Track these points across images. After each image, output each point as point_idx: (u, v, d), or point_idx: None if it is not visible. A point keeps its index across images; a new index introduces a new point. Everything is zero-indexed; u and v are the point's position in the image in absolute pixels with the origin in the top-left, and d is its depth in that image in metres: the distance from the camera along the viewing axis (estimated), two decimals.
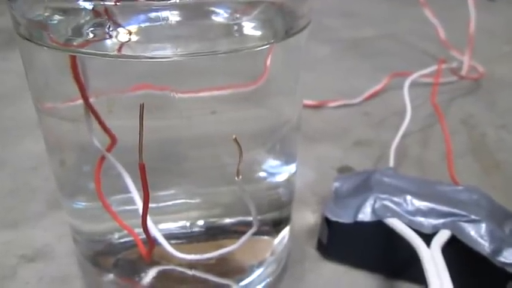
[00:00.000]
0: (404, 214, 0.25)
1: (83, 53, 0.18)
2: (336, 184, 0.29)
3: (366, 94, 0.47)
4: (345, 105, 0.46)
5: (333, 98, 0.46)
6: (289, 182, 0.24)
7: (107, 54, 0.18)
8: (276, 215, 0.24)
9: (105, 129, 0.19)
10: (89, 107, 0.19)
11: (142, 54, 0.18)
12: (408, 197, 0.26)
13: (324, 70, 0.54)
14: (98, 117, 0.19)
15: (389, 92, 0.48)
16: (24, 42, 0.18)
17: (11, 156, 0.37)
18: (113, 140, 0.19)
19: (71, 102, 0.20)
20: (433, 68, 0.47)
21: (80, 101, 0.19)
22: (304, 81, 0.22)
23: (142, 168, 0.18)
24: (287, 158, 0.23)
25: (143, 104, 0.16)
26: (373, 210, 0.26)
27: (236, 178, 0.20)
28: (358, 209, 0.26)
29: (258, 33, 0.18)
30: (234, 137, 0.18)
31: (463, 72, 0.51)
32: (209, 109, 0.20)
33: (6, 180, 0.34)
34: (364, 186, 0.27)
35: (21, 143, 0.39)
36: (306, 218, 0.31)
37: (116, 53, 0.18)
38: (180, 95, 0.19)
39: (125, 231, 0.22)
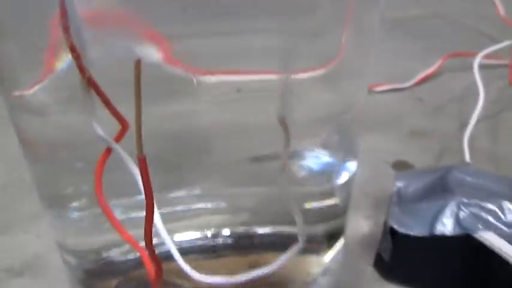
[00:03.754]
0: (502, 226, 0.19)
1: None
2: (399, 184, 0.23)
3: (418, 78, 0.41)
4: (394, 90, 0.39)
5: (381, 82, 0.40)
6: (347, 184, 0.18)
7: None
8: (328, 227, 0.19)
9: (115, 112, 0.14)
10: (90, 83, 0.13)
11: None
12: (505, 203, 0.19)
13: None
14: (104, 96, 0.13)
15: (444, 76, 0.42)
16: None
17: (4, 145, 0.32)
18: (124, 126, 0.14)
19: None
20: (496, 47, 0.39)
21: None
22: None
23: (142, 163, 0.12)
24: (346, 154, 0.18)
25: (139, 62, 0.10)
26: (458, 221, 0.19)
27: (281, 173, 0.14)
28: (435, 219, 0.20)
29: None
30: (278, 117, 0.12)
31: None
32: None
33: None
34: (440, 187, 0.21)
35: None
36: (359, 225, 0.25)
37: None
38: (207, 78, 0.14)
39: (128, 246, 0.16)
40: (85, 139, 0.15)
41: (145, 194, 0.12)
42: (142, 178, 0.12)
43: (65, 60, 0.14)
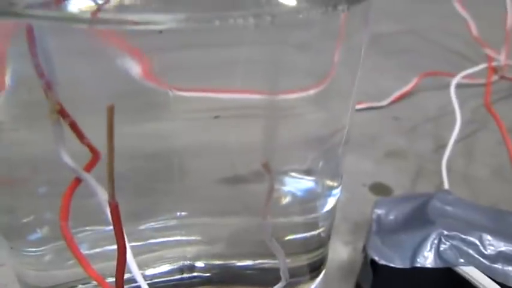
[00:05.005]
0: (482, 260, 0.19)
1: (39, 18, 0.11)
2: (379, 211, 0.23)
3: (394, 96, 0.41)
4: (371, 108, 0.39)
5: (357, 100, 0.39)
6: (331, 212, 0.18)
7: (76, 17, 0.11)
8: (312, 258, 0.18)
9: (86, 142, 0.13)
10: (60, 112, 0.12)
11: (133, 18, 0.11)
12: (485, 236, 0.19)
13: None
14: (73, 123, 0.12)
15: (419, 94, 0.42)
16: None
17: None
18: (95, 155, 0.13)
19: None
20: (475, 69, 0.40)
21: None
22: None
23: (115, 209, 0.11)
24: (332, 180, 0.17)
25: (112, 107, 0.09)
26: (438, 253, 0.19)
27: (263, 218, 0.13)
28: (416, 250, 0.19)
29: None
30: (263, 162, 0.12)
31: (503, 72, 0.44)
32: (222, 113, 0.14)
33: None
34: (420, 217, 0.21)
35: None
36: (337, 252, 0.25)
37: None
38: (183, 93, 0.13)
39: (93, 282, 0.15)
40: (47, 161, 0.14)
41: (118, 243, 0.11)
42: (114, 226, 0.11)
43: (12, 76, 0.13)
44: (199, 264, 0.18)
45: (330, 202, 0.17)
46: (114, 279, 0.13)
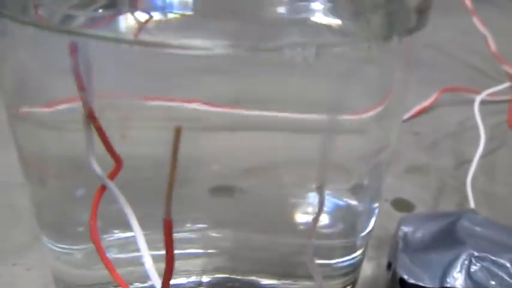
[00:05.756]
0: None
1: (87, 36, 0.12)
2: (405, 229, 0.23)
3: (413, 111, 0.41)
4: None
5: None
6: (369, 233, 0.18)
7: (121, 39, 0.12)
8: (345, 282, 0.18)
9: (110, 149, 0.13)
10: (91, 118, 0.13)
11: (182, 43, 0.11)
12: None
13: None
14: (101, 132, 0.13)
15: (439, 109, 0.42)
16: None
17: None
18: (118, 163, 0.13)
19: (59, 106, 0.14)
20: (499, 87, 0.40)
21: (69, 106, 0.13)
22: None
23: (168, 226, 0.11)
24: (373, 200, 0.17)
25: (180, 129, 0.10)
26: (469, 275, 0.19)
27: (307, 239, 0.13)
28: (445, 271, 0.19)
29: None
30: (317, 184, 0.12)
31: None
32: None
33: None
34: (449, 237, 0.21)
35: (6, 150, 0.32)
36: (362, 268, 0.25)
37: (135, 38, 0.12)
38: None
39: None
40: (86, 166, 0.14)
41: (167, 258, 0.12)
42: (165, 242, 0.11)
43: None
44: (218, 277, 0.18)
45: (371, 224, 0.17)
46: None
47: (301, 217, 0.17)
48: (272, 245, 0.17)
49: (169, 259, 0.12)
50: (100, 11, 0.13)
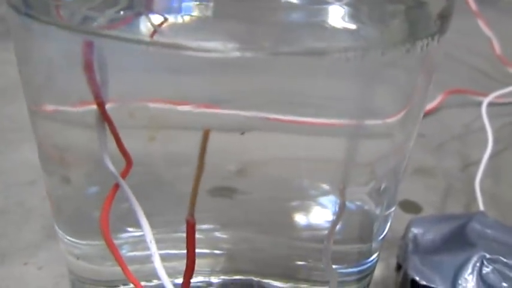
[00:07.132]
0: None
1: (105, 36, 0.12)
2: (415, 231, 0.23)
3: None
4: None
5: None
6: (384, 239, 0.18)
7: (142, 40, 0.12)
8: (360, 286, 0.18)
9: (121, 148, 0.13)
10: (104, 118, 0.13)
11: (200, 44, 0.11)
12: None
13: None
14: (114, 132, 0.13)
15: (444, 112, 0.42)
16: (18, 19, 0.12)
17: (3, 166, 0.31)
18: (129, 163, 0.13)
19: (82, 106, 0.14)
20: (506, 90, 0.40)
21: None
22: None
23: (191, 226, 0.11)
24: (389, 205, 0.17)
25: (208, 132, 0.10)
26: (480, 277, 0.19)
27: (325, 243, 0.13)
28: (457, 273, 0.19)
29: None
30: (340, 187, 0.12)
31: None
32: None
33: None
34: (460, 239, 0.21)
35: (18, 149, 0.32)
36: None
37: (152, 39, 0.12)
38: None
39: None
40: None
41: (188, 259, 0.12)
42: (188, 242, 0.11)
43: None
44: (228, 278, 0.18)
45: (386, 228, 0.17)
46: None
47: (317, 220, 0.17)
48: (285, 248, 0.17)
49: (191, 259, 0.12)
50: (121, 13, 0.13)
